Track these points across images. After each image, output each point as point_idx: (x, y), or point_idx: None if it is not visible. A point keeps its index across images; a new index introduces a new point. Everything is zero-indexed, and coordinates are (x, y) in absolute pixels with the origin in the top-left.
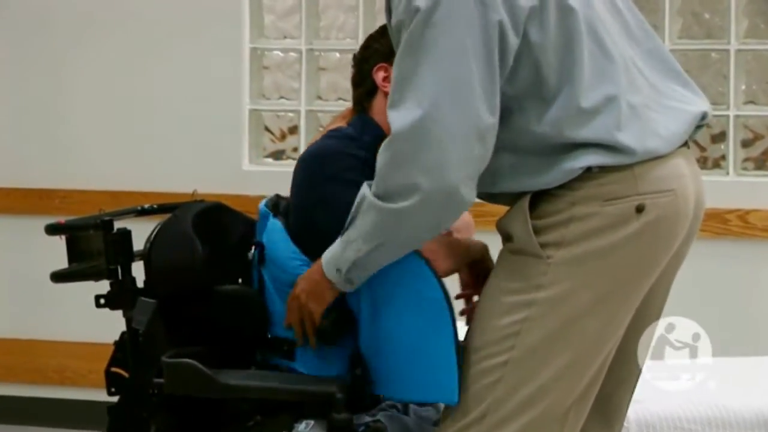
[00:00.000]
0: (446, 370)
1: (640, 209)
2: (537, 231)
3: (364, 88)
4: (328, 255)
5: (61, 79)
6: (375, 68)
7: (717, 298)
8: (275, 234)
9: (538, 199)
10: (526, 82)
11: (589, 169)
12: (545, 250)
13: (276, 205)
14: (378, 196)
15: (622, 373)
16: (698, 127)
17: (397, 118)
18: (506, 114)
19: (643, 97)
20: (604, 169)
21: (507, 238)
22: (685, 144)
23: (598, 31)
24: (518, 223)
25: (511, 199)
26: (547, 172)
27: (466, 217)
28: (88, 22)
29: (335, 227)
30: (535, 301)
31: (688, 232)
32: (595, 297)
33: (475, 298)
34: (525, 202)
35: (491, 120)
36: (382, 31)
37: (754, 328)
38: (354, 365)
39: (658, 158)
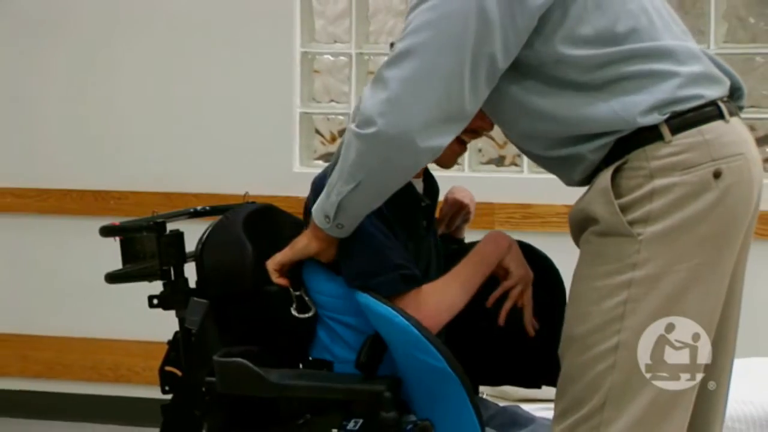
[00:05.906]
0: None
1: (717, 175)
2: (622, 209)
3: None
4: (317, 204)
5: (116, 82)
6: None
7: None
8: None
9: (615, 177)
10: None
11: (661, 137)
12: (634, 228)
13: None
14: (356, 124)
15: (720, 361)
16: (740, 107)
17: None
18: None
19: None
20: (675, 129)
21: (589, 222)
22: (734, 108)
23: None
24: (602, 204)
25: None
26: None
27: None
28: (140, 25)
29: (343, 244)
30: (632, 280)
31: (756, 200)
32: (689, 270)
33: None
34: (607, 180)
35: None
36: None
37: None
38: None
39: (722, 121)
